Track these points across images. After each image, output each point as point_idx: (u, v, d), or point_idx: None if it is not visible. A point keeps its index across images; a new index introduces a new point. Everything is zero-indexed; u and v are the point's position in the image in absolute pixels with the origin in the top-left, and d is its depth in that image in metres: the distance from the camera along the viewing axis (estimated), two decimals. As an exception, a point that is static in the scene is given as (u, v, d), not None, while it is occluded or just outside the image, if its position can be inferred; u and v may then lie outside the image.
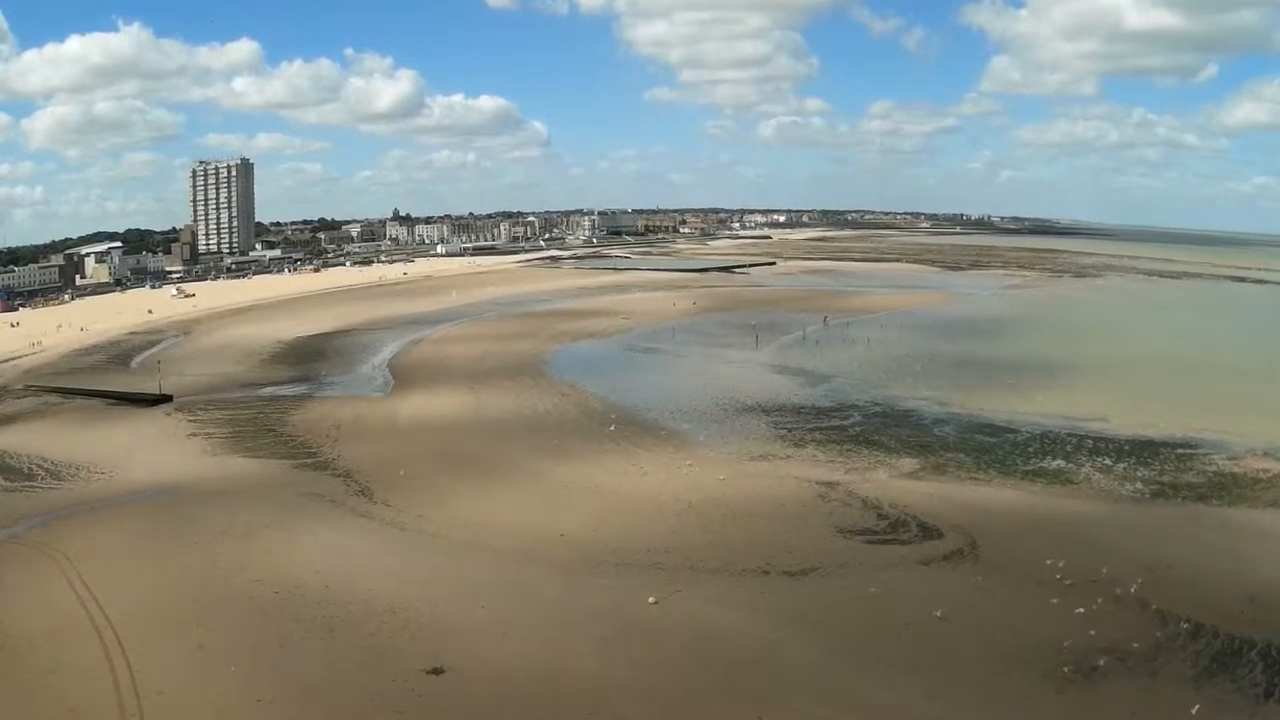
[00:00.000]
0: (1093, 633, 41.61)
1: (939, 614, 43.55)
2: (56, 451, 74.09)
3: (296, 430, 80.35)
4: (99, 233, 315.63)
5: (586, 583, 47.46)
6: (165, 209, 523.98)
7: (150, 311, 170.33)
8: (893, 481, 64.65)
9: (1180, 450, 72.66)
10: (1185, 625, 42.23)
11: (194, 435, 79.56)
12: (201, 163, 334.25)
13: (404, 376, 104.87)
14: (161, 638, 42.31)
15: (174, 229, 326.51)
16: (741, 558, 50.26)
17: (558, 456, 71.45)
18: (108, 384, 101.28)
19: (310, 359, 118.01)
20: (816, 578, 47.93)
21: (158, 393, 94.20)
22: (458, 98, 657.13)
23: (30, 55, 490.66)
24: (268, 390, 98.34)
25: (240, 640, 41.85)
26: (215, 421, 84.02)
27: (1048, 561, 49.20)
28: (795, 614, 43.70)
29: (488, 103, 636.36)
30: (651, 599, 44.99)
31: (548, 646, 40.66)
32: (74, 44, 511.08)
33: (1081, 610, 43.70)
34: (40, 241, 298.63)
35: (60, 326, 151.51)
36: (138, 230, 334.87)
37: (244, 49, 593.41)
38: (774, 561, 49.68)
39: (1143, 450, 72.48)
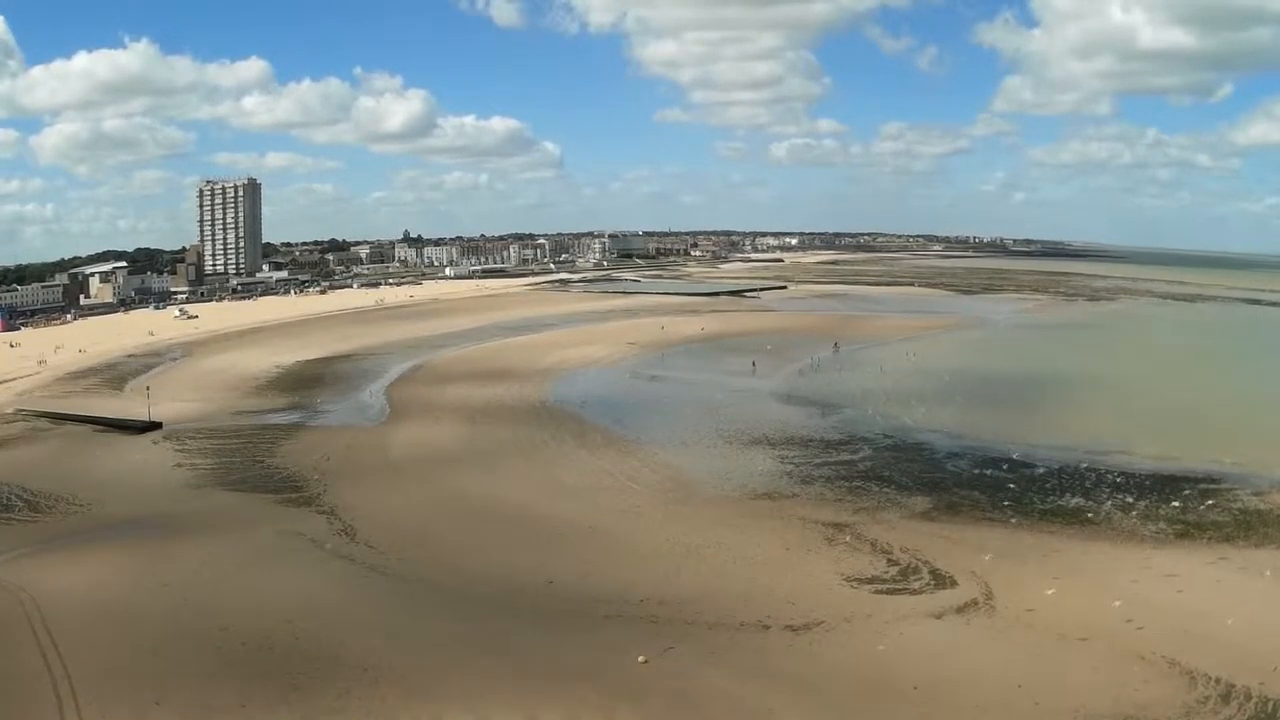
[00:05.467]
0: (1116, 696, 38.34)
1: (952, 675, 40.39)
2: (38, 481, 71.71)
3: (285, 462, 77.71)
4: (107, 251, 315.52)
5: (572, 638, 44.40)
6: (176, 228, 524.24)
7: (152, 333, 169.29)
8: (904, 522, 61.46)
9: (1204, 485, 69.34)
10: (1216, 686, 38.91)
11: (179, 466, 77.06)
12: (209, 182, 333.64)
13: (400, 404, 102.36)
14: (119, 691, 39.64)
15: (184, 248, 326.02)
16: (741, 610, 47.06)
17: (549, 493, 68.77)
18: (100, 409, 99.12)
19: (307, 385, 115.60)
20: (820, 633, 44.70)
21: (147, 420, 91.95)
22: (469, 118, 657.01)
23: (38, 71, 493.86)
24: (260, 418, 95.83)
25: (200, 697, 39.02)
26: (202, 451, 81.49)
27: (1067, 614, 46.16)
28: (796, 676, 40.46)
29: (499, 123, 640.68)
30: (641, 658, 41.84)
31: (522, 714, 37.57)
32: (82, 60, 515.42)
33: (1103, 670, 40.51)
34: (51, 259, 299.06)
35: (59, 347, 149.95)
36: (147, 249, 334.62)
37: (253, 67, 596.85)
38: (775, 614, 46.43)
39: (1164, 486, 69.16)
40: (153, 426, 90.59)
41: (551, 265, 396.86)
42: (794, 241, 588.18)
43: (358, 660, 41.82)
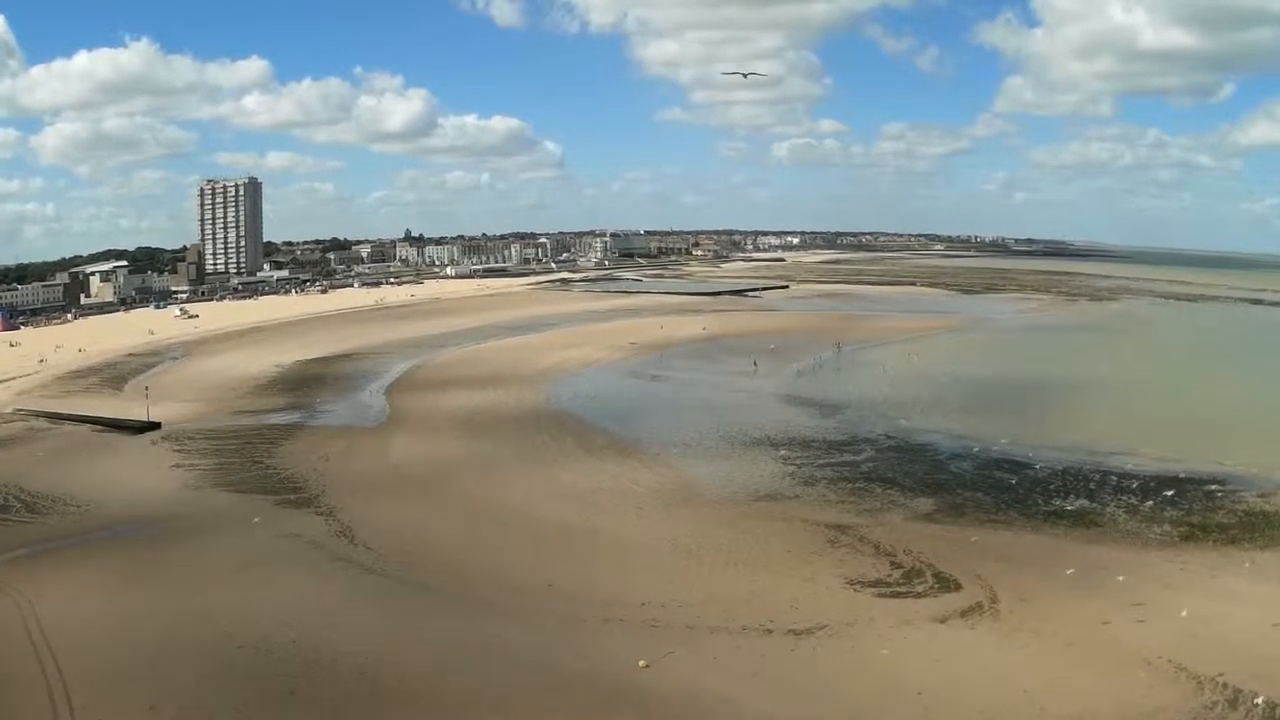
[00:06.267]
0: (1123, 702, 37.84)
1: (956, 680, 39.79)
2: (35, 481, 71.36)
3: (284, 462, 77.20)
4: (108, 250, 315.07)
5: (571, 643, 43.79)
6: (178, 227, 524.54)
7: (152, 332, 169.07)
8: (907, 524, 60.91)
9: (1208, 487, 68.77)
10: (1223, 692, 38.31)
11: (178, 466, 76.51)
12: (210, 181, 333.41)
13: (400, 405, 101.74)
14: (113, 696, 39.23)
15: (185, 247, 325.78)
16: (743, 613, 46.50)
17: (550, 494, 68.21)
18: (99, 409, 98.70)
19: (307, 385, 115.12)
20: (823, 637, 44.13)
21: (146, 420, 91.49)
22: (470, 118, 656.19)
23: (38, 71, 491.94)
24: (260, 418, 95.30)
25: (195, 703, 38.61)
26: (201, 452, 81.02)
27: (1072, 617, 45.68)
28: (798, 681, 39.92)
29: (500, 123, 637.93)
30: (642, 662, 41.30)
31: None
32: (82, 60, 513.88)
33: (1110, 675, 39.97)
34: (52, 259, 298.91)
35: (59, 346, 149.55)
36: (147, 248, 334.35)
37: (254, 67, 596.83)
38: (778, 618, 45.87)
39: (1169, 487, 68.40)
40: (151, 427, 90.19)
41: (553, 265, 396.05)
42: (796, 241, 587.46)
43: (355, 665, 41.31)
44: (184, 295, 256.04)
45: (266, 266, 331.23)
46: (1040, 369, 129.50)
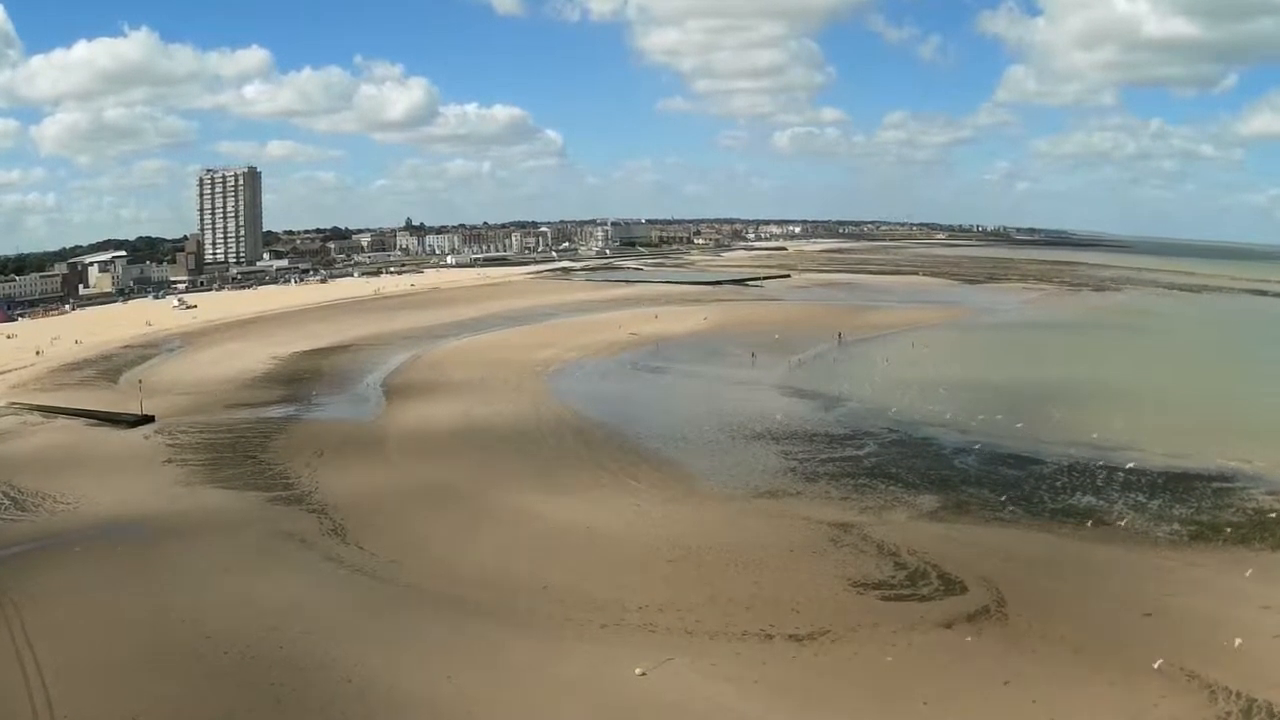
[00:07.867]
0: (1135, 711, 36.84)
1: (963, 688, 38.76)
2: (25, 477, 70.36)
3: (277, 457, 76.14)
4: (107, 240, 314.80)
5: (567, 648, 42.70)
6: (179, 217, 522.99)
7: (149, 323, 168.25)
8: (911, 523, 59.77)
9: (1217, 484, 67.77)
10: (1236, 701, 37.30)
11: (170, 462, 75.49)
12: (209, 170, 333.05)
13: (395, 399, 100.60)
14: (97, 704, 38.30)
15: (185, 237, 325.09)
16: (743, 618, 45.38)
17: (547, 491, 66.83)
18: (93, 402, 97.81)
19: (303, 377, 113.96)
20: (826, 643, 42.98)
21: (140, 413, 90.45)
22: (471, 106, 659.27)
23: (37, 61, 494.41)
24: (254, 411, 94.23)
25: (180, 711, 37.68)
26: (194, 446, 79.97)
27: (1081, 623, 44.59)
28: (800, 689, 38.84)
29: (501, 111, 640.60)
30: (639, 670, 40.15)
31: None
32: (81, 49, 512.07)
33: (1121, 683, 38.89)
34: (53, 249, 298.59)
35: (56, 338, 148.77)
36: (148, 238, 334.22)
37: (254, 56, 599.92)
38: (779, 623, 44.73)
39: (1177, 484, 67.49)
40: (145, 420, 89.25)
41: (554, 254, 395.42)
42: (797, 230, 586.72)
43: (343, 670, 40.31)
44: (183, 286, 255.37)
45: (266, 256, 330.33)
46: (1044, 362, 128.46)
